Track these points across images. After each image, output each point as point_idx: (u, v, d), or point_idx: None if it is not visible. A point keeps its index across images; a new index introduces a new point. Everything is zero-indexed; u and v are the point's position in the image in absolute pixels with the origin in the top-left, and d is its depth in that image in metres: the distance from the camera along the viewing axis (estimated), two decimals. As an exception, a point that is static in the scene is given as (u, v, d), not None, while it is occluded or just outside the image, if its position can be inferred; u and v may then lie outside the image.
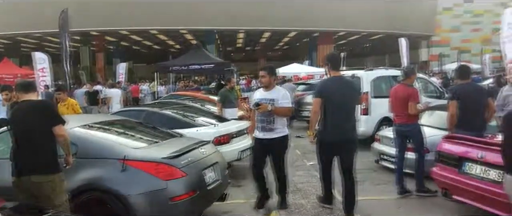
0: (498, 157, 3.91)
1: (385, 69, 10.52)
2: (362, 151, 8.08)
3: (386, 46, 36.14)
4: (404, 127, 5.48)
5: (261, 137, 4.72)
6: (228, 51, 47.76)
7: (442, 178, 4.56)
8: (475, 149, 4.17)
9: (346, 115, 4.49)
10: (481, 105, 5.04)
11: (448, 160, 4.51)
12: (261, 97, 4.74)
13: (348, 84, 4.76)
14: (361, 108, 8.63)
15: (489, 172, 3.98)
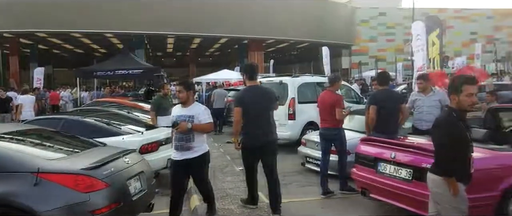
0: (408, 157, 4.32)
1: (310, 76, 11.01)
2: (289, 154, 8.41)
3: (311, 54, 37.92)
4: (329, 131, 5.80)
5: (179, 159, 4.41)
6: (158, 56, 46.54)
7: (361, 178, 4.89)
8: (388, 150, 4.54)
9: (265, 121, 4.78)
10: (396, 109, 5.52)
11: (365, 161, 4.85)
12: (179, 114, 4.45)
13: (265, 92, 4.99)
14: (288, 113, 8.96)
15: (400, 171, 4.34)
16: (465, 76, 3.23)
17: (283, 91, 9.25)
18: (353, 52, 41.20)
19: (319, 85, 9.80)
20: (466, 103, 3.04)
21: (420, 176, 4.06)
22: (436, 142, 3.11)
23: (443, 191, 3.04)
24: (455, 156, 3.00)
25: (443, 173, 3.03)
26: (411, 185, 4.17)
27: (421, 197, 4.01)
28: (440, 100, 5.76)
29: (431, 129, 3.26)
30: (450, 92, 3.13)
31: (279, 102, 9.18)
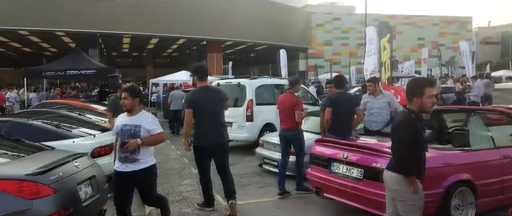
0: (359, 157, 4.48)
1: (268, 78, 11.13)
2: (246, 155, 8.47)
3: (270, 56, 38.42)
4: (288, 132, 5.91)
5: (123, 170, 4.03)
6: (113, 56, 45.01)
7: (315, 178, 5.02)
8: (341, 151, 4.69)
9: (216, 121, 4.83)
10: (351, 112, 5.71)
11: (320, 161, 4.98)
12: (124, 123, 4.07)
13: (215, 93, 5.03)
14: (246, 115, 9.00)
15: (352, 171, 4.51)
16: (426, 79, 3.40)
17: (241, 93, 9.28)
18: (309, 55, 42.17)
19: (276, 87, 9.94)
20: (429, 104, 3.19)
21: (371, 175, 4.24)
22: (398, 142, 3.21)
23: (403, 189, 3.17)
24: (415, 156, 3.14)
25: (404, 172, 3.16)
26: (362, 184, 4.33)
27: (371, 195, 4.19)
28: (389, 102, 6.04)
29: (392, 130, 3.36)
30: (412, 94, 3.22)
31: (238, 104, 9.29)
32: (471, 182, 4.31)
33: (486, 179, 4.43)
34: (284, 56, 20.20)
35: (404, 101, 4.65)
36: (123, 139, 4.01)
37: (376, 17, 31.49)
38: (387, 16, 38.00)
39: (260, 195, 5.97)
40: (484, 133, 4.80)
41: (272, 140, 7.20)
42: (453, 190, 4.20)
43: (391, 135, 3.38)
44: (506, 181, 4.53)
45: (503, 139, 4.88)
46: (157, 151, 8.32)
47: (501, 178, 4.53)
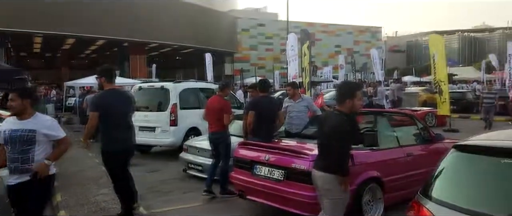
0: (280, 159, 4.64)
1: (194, 82, 11.02)
2: (171, 161, 8.29)
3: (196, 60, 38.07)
4: (215, 135, 5.98)
5: (14, 183, 3.48)
6: (22, 56, 40.99)
7: (239, 181, 5.09)
8: (263, 153, 4.82)
9: (125, 125, 4.71)
10: (273, 115, 5.88)
11: (243, 164, 5.06)
12: (13, 128, 3.48)
13: (124, 96, 4.91)
14: (170, 119, 8.81)
15: (274, 172, 4.65)
16: (356, 83, 3.63)
17: (165, 96, 9.08)
18: (235, 59, 42.65)
19: (202, 91, 9.90)
20: (359, 106, 3.45)
21: (291, 175, 4.42)
22: (335, 144, 3.32)
23: (334, 187, 3.34)
24: (348, 156, 3.37)
25: (342, 173, 3.33)
26: (283, 185, 4.49)
27: (292, 195, 4.36)
28: (308, 106, 6.36)
29: (325, 132, 3.46)
30: (344, 97, 3.42)
31: (161, 108, 9.06)
32: (380, 178, 4.70)
33: (392, 176, 4.87)
34: (210, 60, 20.19)
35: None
36: (14, 148, 3.46)
37: (297, 24, 32.89)
38: (307, 23, 39.94)
39: (184, 201, 5.89)
40: (390, 133, 5.28)
41: (197, 145, 7.15)
42: (364, 187, 4.54)
43: (323, 137, 3.50)
44: (410, 176, 5.00)
45: (407, 138, 5.41)
46: (73, 159, 7.85)
47: (406, 174, 5.00)
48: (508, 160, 2.36)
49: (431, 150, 5.25)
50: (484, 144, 2.60)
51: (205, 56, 20.42)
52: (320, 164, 3.49)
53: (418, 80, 35.05)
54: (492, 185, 2.46)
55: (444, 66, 13.06)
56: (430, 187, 2.66)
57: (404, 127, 5.80)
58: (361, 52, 46.27)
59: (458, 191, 2.59)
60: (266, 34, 44.19)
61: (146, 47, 33.36)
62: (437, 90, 12.75)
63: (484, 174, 2.53)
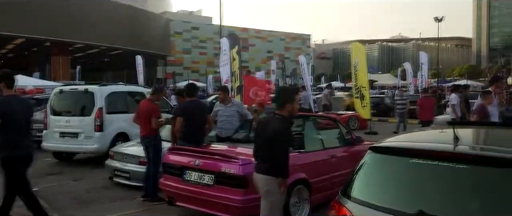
0: (210, 164, 4.64)
1: (123, 85, 10.57)
2: (96, 168, 7.86)
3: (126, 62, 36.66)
4: (145, 139, 5.88)
5: None
6: None
7: (168, 187, 4.98)
8: (193, 158, 4.78)
9: (23, 131, 4.49)
10: (203, 120, 5.84)
11: (173, 170, 4.97)
12: None
13: (23, 102, 4.72)
14: (95, 125, 8.36)
15: (204, 177, 4.63)
16: (293, 88, 3.75)
17: (90, 100, 8.59)
18: (168, 62, 41.77)
19: (131, 95, 9.52)
20: (297, 109, 3.61)
21: (221, 180, 4.43)
22: (277, 147, 3.43)
23: (273, 189, 3.47)
24: (288, 158, 3.48)
25: (283, 174, 3.46)
26: (213, 190, 4.49)
27: (222, 200, 4.37)
28: (238, 111, 6.42)
29: (268, 136, 3.52)
30: (284, 101, 3.55)
31: (85, 112, 8.55)
32: (306, 180, 4.89)
33: (318, 177, 5.09)
34: (140, 62, 19.53)
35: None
36: None
37: (231, 29, 33.18)
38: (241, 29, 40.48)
39: (111, 210, 5.61)
40: (316, 136, 5.53)
41: (124, 151, 6.87)
42: (292, 188, 4.68)
43: (264, 141, 3.56)
44: (334, 177, 5.27)
45: (331, 141, 5.70)
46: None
47: (330, 175, 5.26)
48: (416, 160, 2.59)
49: (352, 152, 5.58)
50: (396, 146, 2.83)
51: (136, 58, 19.70)
52: (262, 168, 3.58)
53: (343, 86, 37.16)
54: (403, 184, 2.67)
55: (365, 73, 13.99)
56: (350, 187, 2.83)
57: (328, 130, 6.11)
58: (291, 58, 47.96)
59: (374, 190, 2.78)
60: (200, 37, 44.02)
61: (70, 47, 31.35)
62: (358, 95, 13.61)
63: (396, 173, 2.75)
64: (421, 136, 3.34)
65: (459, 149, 2.50)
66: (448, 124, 2.92)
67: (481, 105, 6.98)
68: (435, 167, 2.49)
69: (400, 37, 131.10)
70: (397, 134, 3.58)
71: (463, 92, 10.45)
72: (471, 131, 3.34)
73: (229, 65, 9.43)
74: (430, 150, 2.59)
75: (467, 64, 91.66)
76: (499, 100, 7.70)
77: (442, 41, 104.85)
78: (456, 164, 2.41)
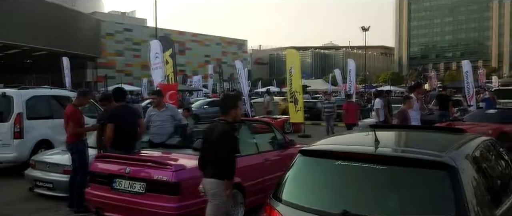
0: (141, 171, 4.48)
1: (48, 88, 9.84)
2: (14, 179, 7.21)
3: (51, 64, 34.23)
4: (69, 146, 5.61)
5: None
6: None
7: (95, 197, 4.71)
8: (123, 166, 4.57)
9: None
10: (134, 125, 5.61)
11: (100, 179, 4.71)
12: None
13: None
14: (13, 132, 7.68)
15: (135, 185, 4.45)
16: (236, 95, 3.82)
17: (7, 105, 7.87)
18: (99, 65, 39.74)
19: (56, 99, 8.89)
20: (240, 115, 3.77)
21: (153, 187, 4.29)
22: (224, 151, 3.53)
23: (220, 191, 3.56)
24: (235, 161, 3.62)
25: (228, 177, 3.56)
26: (144, 198, 4.33)
27: (154, 208, 4.23)
28: (173, 115, 6.29)
29: (213, 141, 3.61)
30: (229, 107, 3.70)
31: (2, 118, 7.81)
32: (241, 184, 4.92)
33: (252, 180, 5.14)
34: (67, 64, 18.34)
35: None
36: None
37: (167, 32, 32.48)
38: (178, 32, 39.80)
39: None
40: (250, 141, 5.59)
41: (47, 159, 6.39)
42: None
43: (211, 146, 3.63)
44: (267, 180, 5.35)
45: (265, 145, 5.81)
46: None
47: (264, 178, 5.34)
48: (341, 162, 2.73)
49: (285, 155, 5.71)
50: (322, 148, 2.96)
51: (62, 60, 18.46)
52: (209, 172, 3.66)
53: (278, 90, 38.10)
54: (330, 185, 2.80)
55: (299, 78, 14.47)
56: (280, 190, 2.90)
57: (262, 134, 6.21)
58: (229, 62, 48.11)
59: (303, 192, 2.88)
60: (133, 39, 42.50)
61: (-15, 47, 28.54)
62: (292, 100, 14.04)
63: (324, 175, 2.87)
64: (346, 139, 3.53)
65: (379, 151, 2.67)
66: (371, 128, 3.11)
67: (402, 110, 7.55)
68: (358, 168, 2.64)
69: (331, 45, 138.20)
70: (329, 136, 3.77)
71: (386, 97, 11.23)
72: (391, 134, 3.60)
73: (162, 68, 9.19)
74: (353, 152, 2.75)
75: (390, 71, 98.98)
76: (420, 105, 8.41)
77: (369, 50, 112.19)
78: (376, 165, 2.58)
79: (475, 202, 2.33)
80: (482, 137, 3.36)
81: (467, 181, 2.38)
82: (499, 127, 9.65)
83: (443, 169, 2.38)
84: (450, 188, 2.30)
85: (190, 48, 44.36)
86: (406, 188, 2.55)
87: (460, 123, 10.42)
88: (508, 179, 3.37)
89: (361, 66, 58.27)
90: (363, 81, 51.90)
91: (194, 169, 4.53)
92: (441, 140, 3.31)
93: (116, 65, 40.63)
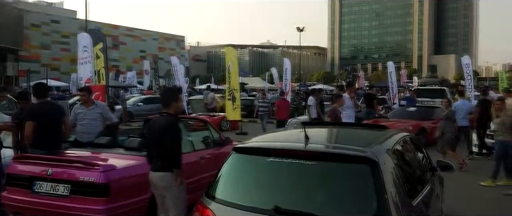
0: (65, 172, 4.19)
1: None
2: None
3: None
4: None
5: None
6: None
7: (14, 202, 4.33)
8: (45, 167, 4.25)
9: None
10: (58, 123, 5.21)
11: (19, 182, 4.34)
12: None
13: None
14: None
15: (58, 188, 4.15)
16: (177, 88, 4.22)
17: None
18: (21, 58, 36.51)
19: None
20: (181, 107, 3.89)
21: (78, 189, 4.04)
22: (170, 142, 3.58)
23: (171, 183, 3.60)
24: (181, 151, 3.67)
25: (176, 166, 3.60)
26: (69, 201, 4.05)
27: (79, 211, 3.98)
28: (102, 113, 5.96)
29: (158, 133, 3.64)
30: (170, 100, 3.76)
31: None
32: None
33: (189, 179, 5.04)
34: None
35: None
36: None
37: (99, 25, 30.80)
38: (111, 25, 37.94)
39: None
40: (185, 138, 5.49)
41: None
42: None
43: (156, 140, 3.65)
44: (203, 179, 5.30)
45: (200, 143, 5.75)
46: None
47: (199, 176, 5.28)
48: (273, 159, 2.78)
49: (221, 153, 5.71)
50: (255, 146, 3.00)
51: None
52: (157, 166, 3.68)
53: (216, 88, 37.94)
54: (263, 182, 2.84)
55: (237, 76, 14.53)
56: (213, 188, 2.88)
57: (198, 132, 6.14)
58: (165, 58, 46.90)
59: (237, 190, 2.88)
60: (61, 32, 39.68)
61: None
62: (230, 97, 14.07)
63: (257, 172, 2.91)
64: (279, 136, 3.61)
65: (309, 147, 2.76)
66: (303, 125, 3.20)
67: (333, 108, 7.90)
68: (289, 164, 2.71)
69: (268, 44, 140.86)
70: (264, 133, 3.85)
71: (318, 95, 11.69)
72: (321, 130, 3.75)
73: (92, 63, 8.67)
74: (284, 149, 2.82)
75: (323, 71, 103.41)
76: (354, 103, 8.85)
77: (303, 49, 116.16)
78: (306, 161, 2.66)
79: (395, 193, 2.50)
80: (402, 133, 3.62)
81: (388, 174, 2.55)
82: (418, 123, 10.52)
83: (366, 163, 2.52)
84: (372, 181, 2.45)
85: (125, 43, 42.52)
86: (334, 182, 2.66)
87: (384, 120, 11.17)
88: (424, 171, 3.68)
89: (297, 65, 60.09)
90: (298, 80, 53.51)
91: (125, 169, 4.37)
92: (366, 136, 3.51)
93: (41, 58, 37.63)
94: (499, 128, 6.94)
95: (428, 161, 3.96)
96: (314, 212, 2.44)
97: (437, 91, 18.06)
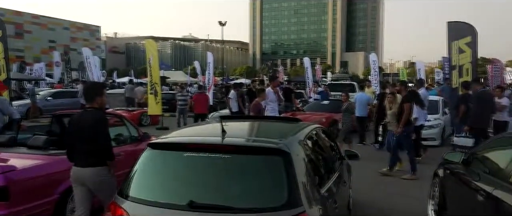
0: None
1: None
2: None
3: None
4: None
5: None
6: None
7: None
8: None
9: None
10: None
11: None
12: None
13: None
14: None
15: None
16: (101, 83, 3.74)
17: None
18: None
19: None
20: (106, 101, 3.91)
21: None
22: (101, 135, 3.59)
23: (105, 177, 3.63)
24: (111, 143, 3.77)
25: (110, 158, 3.65)
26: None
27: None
28: (1, 109, 5.42)
29: (90, 128, 3.58)
30: (95, 95, 3.72)
31: None
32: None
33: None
34: None
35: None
36: None
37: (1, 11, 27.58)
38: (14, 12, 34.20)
39: None
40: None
41: None
42: (68, 194, 4.26)
43: (84, 135, 3.58)
44: (119, 176, 5.06)
45: (117, 139, 5.44)
46: None
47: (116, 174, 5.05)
48: (189, 153, 2.75)
49: (138, 149, 5.50)
50: (171, 141, 2.94)
51: None
52: (88, 161, 3.60)
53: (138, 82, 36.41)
54: (179, 177, 2.80)
55: (158, 69, 14.09)
56: (127, 186, 2.77)
57: (114, 127, 5.84)
58: (79, 50, 43.65)
59: (151, 187, 2.80)
60: None
61: None
62: (152, 91, 13.61)
63: (173, 168, 2.85)
64: (196, 130, 3.59)
65: (225, 141, 2.79)
66: (221, 118, 3.23)
67: (256, 102, 8.07)
68: (206, 158, 2.71)
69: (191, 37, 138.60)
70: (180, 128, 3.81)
71: (239, 90, 11.84)
72: (239, 124, 3.81)
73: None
74: (201, 143, 2.82)
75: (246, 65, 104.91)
76: (277, 97, 9.10)
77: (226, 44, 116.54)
78: (222, 154, 2.69)
79: (305, 181, 2.64)
80: (314, 125, 3.84)
81: (299, 164, 2.68)
82: (330, 115, 11.22)
83: (279, 155, 2.62)
84: (284, 171, 2.55)
85: (30, 31, 38.64)
86: (249, 174, 2.72)
87: (301, 113, 11.72)
88: (334, 160, 3.94)
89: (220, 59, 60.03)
90: (221, 74, 53.58)
91: (28, 170, 4.02)
92: (281, 128, 3.65)
93: None
94: (391, 119, 7.65)
95: (337, 151, 4.26)
96: (228, 204, 2.47)
97: (348, 85, 19.43)
